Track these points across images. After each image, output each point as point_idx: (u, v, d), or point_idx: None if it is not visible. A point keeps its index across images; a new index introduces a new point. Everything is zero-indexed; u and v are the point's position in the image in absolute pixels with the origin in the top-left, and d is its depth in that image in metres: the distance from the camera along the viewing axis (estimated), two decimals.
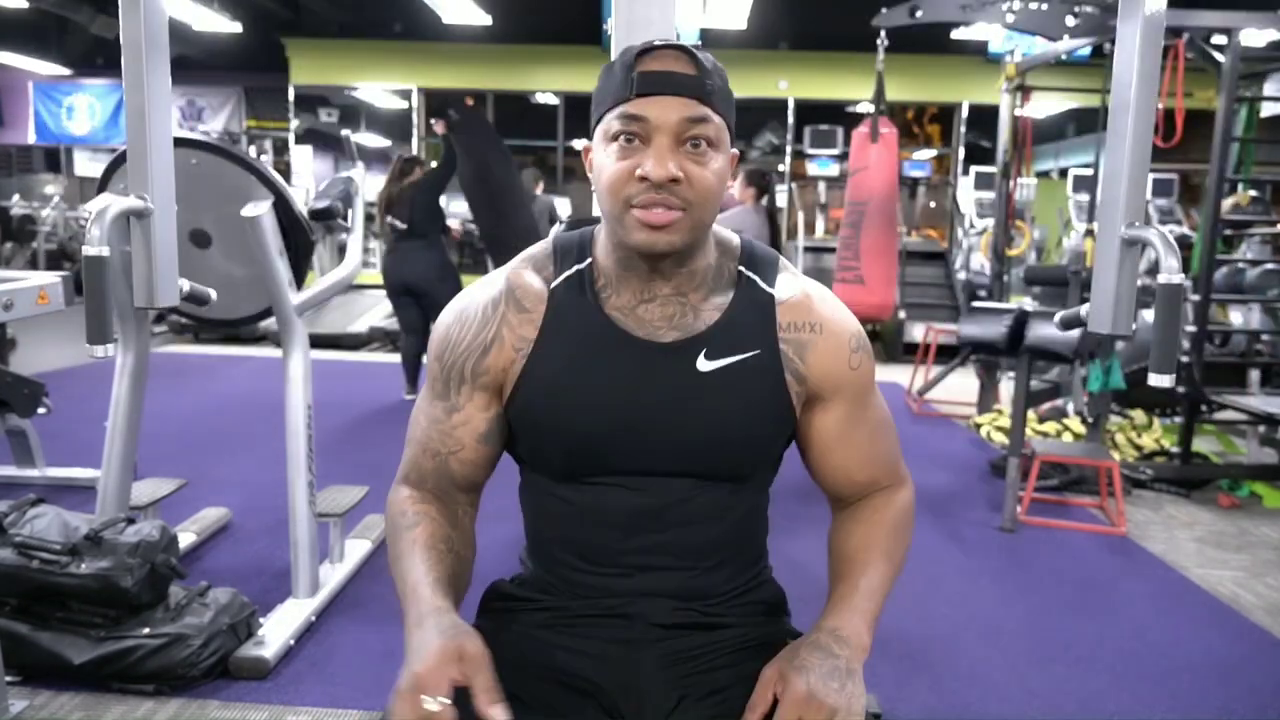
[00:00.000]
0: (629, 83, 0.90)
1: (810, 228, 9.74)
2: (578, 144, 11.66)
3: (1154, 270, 1.50)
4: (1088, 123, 9.72)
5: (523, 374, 0.97)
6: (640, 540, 0.97)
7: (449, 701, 0.78)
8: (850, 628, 0.92)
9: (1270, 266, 4.91)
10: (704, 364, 0.95)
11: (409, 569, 0.93)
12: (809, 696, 0.84)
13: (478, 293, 1.01)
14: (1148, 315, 4.31)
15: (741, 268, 1.01)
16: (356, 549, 2.70)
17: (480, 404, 0.99)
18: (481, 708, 0.79)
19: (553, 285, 0.99)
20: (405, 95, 11.42)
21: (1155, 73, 1.39)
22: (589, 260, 1.00)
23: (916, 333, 6.60)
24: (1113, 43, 4.35)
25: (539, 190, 6.86)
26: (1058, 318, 1.60)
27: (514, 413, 0.98)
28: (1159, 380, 1.46)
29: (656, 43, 0.91)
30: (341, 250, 6.77)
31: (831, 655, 0.88)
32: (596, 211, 1.04)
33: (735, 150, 0.96)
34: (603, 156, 0.92)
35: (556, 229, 1.20)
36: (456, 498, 1.02)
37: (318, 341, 4.76)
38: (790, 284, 1.01)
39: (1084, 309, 1.49)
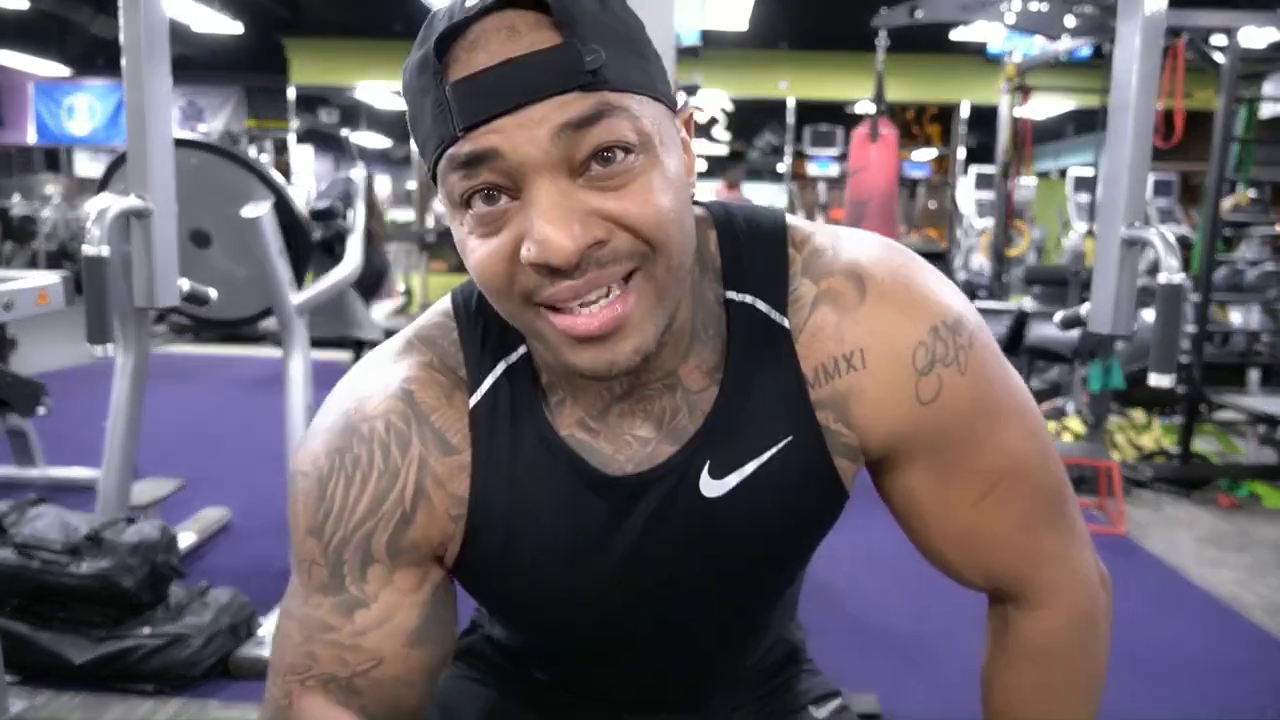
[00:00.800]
0: (444, 109, 0.51)
1: None
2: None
3: (1154, 270, 1.50)
4: (1088, 123, 9.72)
5: (463, 553, 0.64)
6: (642, 691, 0.78)
7: None
8: None
9: (1270, 266, 4.91)
10: (710, 487, 0.62)
11: None
12: None
13: (354, 414, 0.63)
14: (1148, 315, 4.31)
15: (730, 293, 0.63)
16: None
17: (408, 584, 0.62)
18: None
19: (472, 404, 0.63)
20: None
21: (1155, 73, 1.39)
22: (520, 350, 0.64)
23: None
24: (1113, 42, 4.36)
25: None
26: (1058, 318, 1.60)
27: (475, 560, 0.66)
28: (1159, 380, 1.46)
29: (467, 6, 0.51)
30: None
31: None
32: None
33: (684, 106, 0.59)
34: (459, 233, 0.55)
35: None
36: None
37: (318, 341, 4.76)
38: (806, 287, 0.62)
39: (1084, 309, 1.49)
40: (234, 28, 8.74)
